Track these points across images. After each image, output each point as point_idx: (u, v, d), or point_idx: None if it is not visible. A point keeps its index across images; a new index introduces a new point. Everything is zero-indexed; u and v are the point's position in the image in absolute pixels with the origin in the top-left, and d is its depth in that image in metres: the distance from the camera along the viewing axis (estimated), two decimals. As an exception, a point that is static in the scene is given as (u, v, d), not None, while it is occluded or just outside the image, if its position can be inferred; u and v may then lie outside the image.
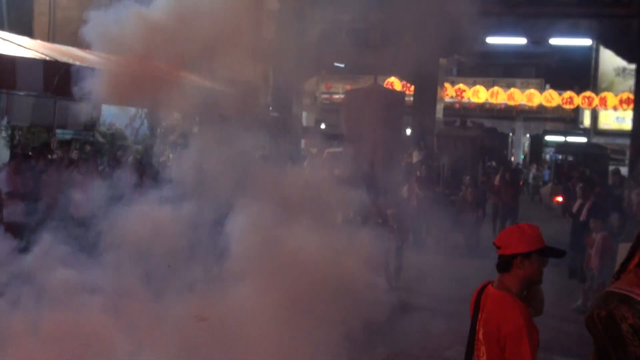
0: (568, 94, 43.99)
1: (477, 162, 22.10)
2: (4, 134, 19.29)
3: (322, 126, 44.34)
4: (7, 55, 14.52)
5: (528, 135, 50.59)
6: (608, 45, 28.89)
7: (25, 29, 23.61)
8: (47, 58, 15.33)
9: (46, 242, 8.54)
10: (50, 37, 25.16)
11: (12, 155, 13.97)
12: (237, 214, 8.72)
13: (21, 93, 16.62)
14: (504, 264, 4.39)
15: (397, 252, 13.29)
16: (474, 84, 46.44)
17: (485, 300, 4.37)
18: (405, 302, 12.76)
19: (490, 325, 4.24)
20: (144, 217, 8.86)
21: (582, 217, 13.04)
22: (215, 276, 8.90)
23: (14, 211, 13.15)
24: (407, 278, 14.30)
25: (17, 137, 19.73)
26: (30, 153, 15.38)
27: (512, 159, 48.90)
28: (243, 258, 8.59)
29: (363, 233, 9.05)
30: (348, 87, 40.50)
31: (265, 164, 10.06)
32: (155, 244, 8.77)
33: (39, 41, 19.84)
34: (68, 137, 19.82)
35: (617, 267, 10.14)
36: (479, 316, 4.36)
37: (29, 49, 15.78)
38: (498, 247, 4.38)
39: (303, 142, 37.56)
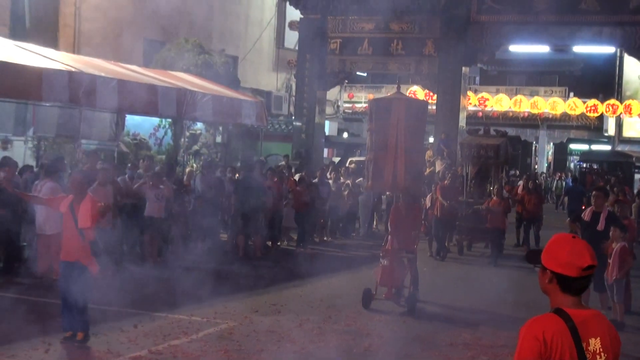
0: (592, 101, 43.73)
1: (501, 170, 21.98)
2: (30, 144, 19.45)
3: (345, 135, 44.39)
4: (33, 66, 14.66)
5: (552, 144, 50.32)
6: (632, 53, 28.65)
7: (51, 40, 23.85)
8: (73, 69, 15.46)
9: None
10: (75, 49, 25.40)
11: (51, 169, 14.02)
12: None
13: (47, 104, 16.78)
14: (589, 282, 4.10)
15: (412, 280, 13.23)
16: (497, 92, 46.31)
17: (588, 325, 3.83)
18: (429, 312, 12.73)
19: (617, 348, 3.99)
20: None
21: (600, 227, 12.88)
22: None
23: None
24: (431, 288, 14.27)
25: (43, 148, 19.88)
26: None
27: (536, 167, 48.68)
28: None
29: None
30: (370, 96, 40.51)
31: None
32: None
33: (64, 53, 20.03)
34: (93, 147, 19.95)
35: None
36: (591, 342, 3.82)
37: (55, 60, 15.92)
38: (595, 266, 4.01)
39: (326, 151, 37.71)
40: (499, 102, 44.91)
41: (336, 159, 36.64)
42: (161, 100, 17.71)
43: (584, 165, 48.23)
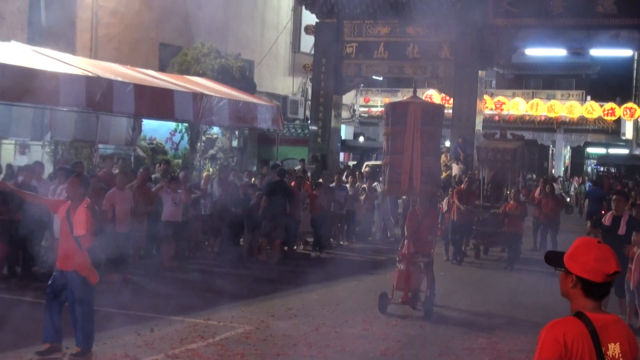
0: (609, 105, 43.53)
1: (517, 174, 21.88)
2: (47, 149, 19.56)
3: (361, 139, 44.39)
4: (51, 71, 14.75)
5: (569, 147, 50.13)
6: (650, 56, 28.58)
7: (68, 45, 23.96)
8: (90, 74, 15.54)
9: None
10: (92, 54, 25.52)
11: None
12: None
13: (64, 109, 16.87)
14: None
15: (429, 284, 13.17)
16: (513, 96, 46.19)
17: (608, 330, 3.82)
18: (446, 316, 12.70)
19: (636, 354, 3.95)
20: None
21: (621, 231, 12.80)
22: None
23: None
24: (448, 292, 14.24)
25: (60, 152, 20.00)
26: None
27: (553, 171, 48.49)
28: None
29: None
30: (387, 100, 40.49)
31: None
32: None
33: (81, 58, 20.14)
34: (110, 152, 20.05)
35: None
36: (610, 347, 3.81)
37: (72, 65, 16.02)
38: (619, 272, 3.99)
39: (342, 155, 37.70)
40: (516, 105, 44.79)
41: (352, 163, 36.61)
42: (177, 105, 17.78)
43: (602, 169, 48.03)
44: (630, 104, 43.15)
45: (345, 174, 23.65)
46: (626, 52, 38.72)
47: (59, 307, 9.05)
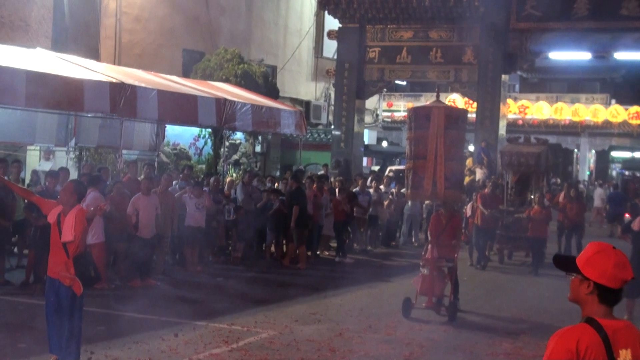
0: (634, 108, 43.20)
1: (542, 178, 21.75)
2: (72, 154, 19.69)
3: (384, 144, 44.33)
4: (75, 78, 14.84)
5: (593, 151, 49.78)
6: (675, 59, 28.32)
7: (92, 52, 24.14)
8: (113, 80, 15.62)
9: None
10: (116, 60, 25.69)
11: (95, 179, 14.24)
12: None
13: (88, 115, 16.97)
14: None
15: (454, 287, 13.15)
16: (537, 100, 45.95)
17: (619, 336, 3.74)
18: (470, 321, 12.65)
19: None
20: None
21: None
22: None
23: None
24: (472, 297, 14.18)
25: (84, 158, 20.13)
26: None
27: (578, 175, 48.21)
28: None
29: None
30: (410, 104, 40.43)
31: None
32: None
33: (105, 64, 20.26)
34: (134, 157, 20.16)
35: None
36: (621, 353, 3.74)
37: (96, 71, 16.11)
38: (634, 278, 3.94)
39: (365, 160, 37.68)
40: (540, 109, 44.55)
41: (375, 168, 36.56)
42: (201, 110, 17.84)
43: (627, 173, 47.69)
44: (655, 107, 42.86)
45: (370, 178, 23.61)
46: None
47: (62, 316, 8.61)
